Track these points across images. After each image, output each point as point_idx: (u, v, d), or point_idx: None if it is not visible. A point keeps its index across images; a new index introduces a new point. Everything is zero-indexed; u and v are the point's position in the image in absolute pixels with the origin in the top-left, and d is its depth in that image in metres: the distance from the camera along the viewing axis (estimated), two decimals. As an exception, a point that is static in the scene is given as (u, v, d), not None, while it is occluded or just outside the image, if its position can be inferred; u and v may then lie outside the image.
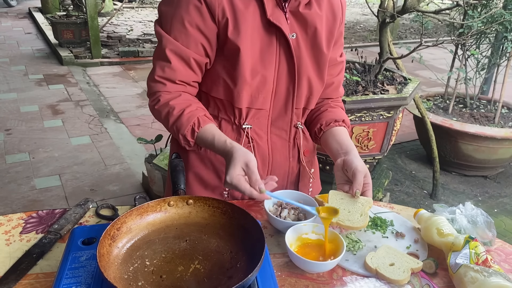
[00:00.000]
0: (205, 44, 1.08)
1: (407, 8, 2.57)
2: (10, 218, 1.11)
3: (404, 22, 10.47)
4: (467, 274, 0.91)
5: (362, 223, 1.02)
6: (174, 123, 1.10)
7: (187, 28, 1.05)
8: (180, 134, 1.10)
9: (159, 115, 1.13)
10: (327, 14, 1.16)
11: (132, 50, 6.57)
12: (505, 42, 3.39)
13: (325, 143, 1.24)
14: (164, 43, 1.07)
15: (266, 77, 1.12)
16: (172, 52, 1.07)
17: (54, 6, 8.61)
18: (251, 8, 1.06)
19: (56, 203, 2.96)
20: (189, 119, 1.08)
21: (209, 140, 1.08)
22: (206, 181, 1.24)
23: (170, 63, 1.08)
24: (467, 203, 1.15)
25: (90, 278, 0.85)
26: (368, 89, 2.61)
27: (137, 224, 0.94)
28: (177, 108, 1.09)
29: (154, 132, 3.40)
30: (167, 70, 1.09)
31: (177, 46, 1.07)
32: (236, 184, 0.99)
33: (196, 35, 1.06)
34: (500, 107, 3.59)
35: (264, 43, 1.09)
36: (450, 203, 3.23)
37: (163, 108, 1.11)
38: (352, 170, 1.08)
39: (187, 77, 1.11)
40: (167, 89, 1.11)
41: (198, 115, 1.09)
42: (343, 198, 1.09)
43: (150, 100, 1.15)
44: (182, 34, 1.06)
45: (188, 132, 1.09)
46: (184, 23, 1.05)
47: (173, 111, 1.09)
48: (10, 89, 5.12)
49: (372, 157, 2.67)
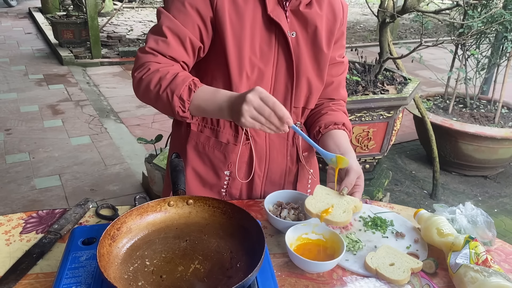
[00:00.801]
0: (201, 27, 1.08)
1: (407, 8, 2.57)
2: (10, 218, 1.11)
3: (404, 22, 10.47)
4: (467, 274, 0.91)
5: (344, 219, 0.98)
6: (168, 86, 1.02)
7: (187, 8, 1.06)
8: (175, 95, 1.02)
9: (147, 83, 1.05)
10: (327, 14, 1.16)
11: (132, 50, 6.58)
12: (505, 42, 3.39)
13: (323, 145, 1.21)
14: (162, 20, 1.07)
15: (264, 73, 1.12)
16: (168, 28, 1.06)
17: (54, 6, 8.62)
18: (250, 4, 1.08)
19: (56, 203, 2.96)
20: (184, 79, 1.03)
21: (209, 93, 1.02)
22: (205, 179, 1.24)
23: (166, 38, 1.06)
24: (467, 203, 1.15)
25: (90, 278, 0.85)
26: (368, 89, 2.61)
27: (137, 224, 0.94)
28: (170, 72, 1.04)
29: (154, 132, 3.41)
30: (160, 43, 1.07)
31: (174, 24, 1.06)
32: (266, 95, 0.92)
33: (194, 16, 1.06)
34: (500, 107, 3.59)
35: (264, 39, 1.10)
36: (450, 203, 3.23)
37: (154, 74, 1.04)
38: (347, 168, 1.07)
39: (180, 54, 1.09)
40: (158, 60, 1.07)
41: (193, 77, 1.05)
42: (329, 193, 1.05)
43: (137, 72, 1.07)
44: (181, 13, 1.06)
45: (185, 91, 1.01)
46: (184, 3, 1.06)
47: (166, 75, 1.03)
48: (10, 89, 5.12)
49: (372, 157, 2.67)
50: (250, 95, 0.92)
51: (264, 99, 0.92)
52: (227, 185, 1.24)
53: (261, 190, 1.27)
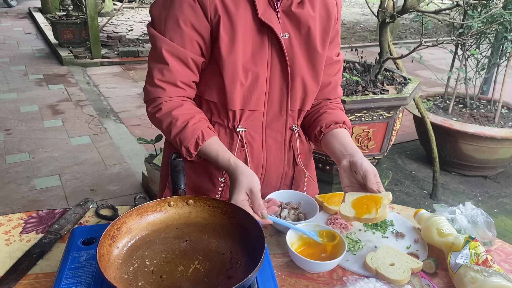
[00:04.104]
0: (200, 43, 1.07)
1: (407, 8, 2.57)
2: (10, 218, 1.11)
3: (404, 22, 10.47)
4: (467, 274, 0.91)
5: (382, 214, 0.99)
6: (177, 135, 1.09)
7: (182, 28, 1.04)
8: (183, 146, 1.09)
9: (160, 124, 1.12)
10: (320, 12, 1.14)
11: (132, 50, 6.57)
12: (505, 42, 3.39)
13: (327, 145, 1.21)
14: (159, 45, 1.05)
15: (258, 77, 1.10)
16: (168, 53, 1.05)
17: (54, 6, 8.62)
18: (241, 8, 1.05)
19: (56, 203, 2.96)
20: (193, 132, 1.07)
21: (212, 155, 1.09)
22: (199, 186, 1.23)
23: (168, 64, 1.06)
24: (467, 203, 1.15)
25: (90, 278, 0.85)
26: (368, 89, 2.61)
27: (137, 224, 0.94)
28: (180, 119, 1.08)
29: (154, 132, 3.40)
30: (165, 72, 1.07)
31: (173, 47, 1.05)
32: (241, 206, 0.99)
33: (191, 34, 1.05)
34: (500, 107, 3.59)
35: (256, 43, 1.08)
36: (450, 203, 3.23)
37: (165, 118, 1.09)
38: (363, 172, 1.06)
39: (187, 77, 1.09)
40: (168, 94, 1.09)
41: (202, 127, 1.09)
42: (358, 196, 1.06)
43: (150, 107, 1.12)
44: (177, 34, 1.04)
45: (192, 145, 1.08)
46: (178, 23, 1.03)
47: (177, 122, 1.08)
48: (10, 89, 5.12)
49: (372, 157, 2.67)
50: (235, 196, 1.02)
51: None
52: (221, 191, 1.22)
53: None
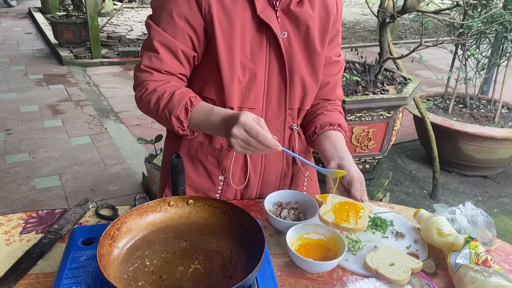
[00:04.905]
0: (192, 37, 1.08)
1: (407, 8, 2.57)
2: (10, 218, 1.11)
3: (404, 22, 10.47)
4: (467, 274, 0.91)
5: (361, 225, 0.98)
6: (165, 106, 1.06)
7: (175, 20, 1.05)
8: (172, 116, 1.05)
9: (147, 103, 1.09)
10: (320, 11, 1.14)
11: (132, 50, 6.57)
12: (505, 42, 3.39)
13: (319, 146, 1.21)
14: (152, 34, 1.08)
15: (256, 75, 1.11)
16: (159, 43, 1.07)
17: (54, 6, 8.62)
18: (239, 5, 1.06)
19: (56, 203, 2.96)
20: (180, 99, 1.05)
21: (204, 113, 1.04)
22: (198, 184, 1.22)
23: (158, 53, 1.07)
24: (467, 203, 1.15)
25: (90, 278, 0.85)
26: (368, 89, 2.61)
27: (137, 224, 0.94)
28: (167, 92, 1.07)
29: (154, 132, 3.41)
30: (154, 60, 1.08)
31: (165, 37, 1.06)
32: (249, 126, 0.92)
33: (184, 27, 1.06)
34: (500, 107, 3.59)
35: (255, 41, 1.08)
36: (450, 203, 3.23)
37: (152, 95, 1.08)
38: (349, 178, 1.06)
39: (174, 68, 1.10)
40: (155, 78, 1.09)
41: (189, 95, 1.07)
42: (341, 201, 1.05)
43: (137, 91, 1.12)
44: (170, 25, 1.06)
45: (182, 111, 1.05)
46: (172, 15, 1.05)
47: (163, 95, 1.07)
48: (10, 89, 5.12)
49: (372, 157, 2.67)
50: (234, 129, 0.93)
51: (248, 131, 0.93)
52: (221, 190, 1.22)
53: (256, 194, 1.26)
